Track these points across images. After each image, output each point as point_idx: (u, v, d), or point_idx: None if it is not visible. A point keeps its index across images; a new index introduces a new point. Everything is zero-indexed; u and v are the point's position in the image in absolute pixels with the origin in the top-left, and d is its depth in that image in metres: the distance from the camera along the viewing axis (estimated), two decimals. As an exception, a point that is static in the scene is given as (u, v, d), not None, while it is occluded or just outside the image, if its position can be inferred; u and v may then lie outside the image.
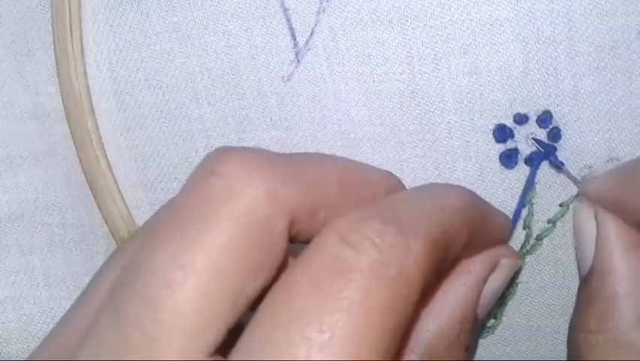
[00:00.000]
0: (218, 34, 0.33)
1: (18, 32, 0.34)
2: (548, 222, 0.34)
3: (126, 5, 0.33)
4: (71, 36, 0.34)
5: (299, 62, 0.33)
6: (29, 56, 0.35)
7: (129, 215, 0.37)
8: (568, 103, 0.31)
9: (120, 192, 0.36)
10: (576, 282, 0.34)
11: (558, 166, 0.31)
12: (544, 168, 0.33)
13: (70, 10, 0.34)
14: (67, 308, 0.26)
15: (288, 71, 0.33)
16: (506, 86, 0.32)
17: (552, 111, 0.32)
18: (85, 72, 0.35)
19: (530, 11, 0.30)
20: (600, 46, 0.30)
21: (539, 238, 0.34)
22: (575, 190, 0.33)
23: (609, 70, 0.31)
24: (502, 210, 0.33)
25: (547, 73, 0.31)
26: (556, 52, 0.31)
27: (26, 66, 0.34)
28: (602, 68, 0.31)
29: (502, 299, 0.35)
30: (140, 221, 0.37)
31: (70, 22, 0.34)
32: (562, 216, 0.34)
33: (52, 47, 0.35)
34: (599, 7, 0.30)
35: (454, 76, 0.32)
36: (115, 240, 0.37)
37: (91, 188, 0.36)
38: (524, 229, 0.34)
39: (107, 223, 0.37)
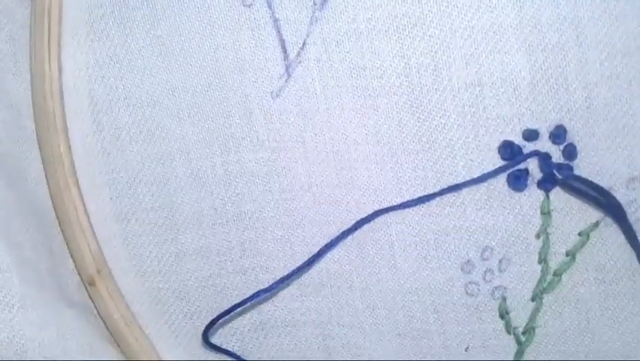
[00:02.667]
0: (203, 48, 0.31)
1: (7, 51, 0.32)
2: (567, 254, 0.30)
3: (108, 19, 0.32)
4: (49, 53, 0.32)
5: (289, 75, 0.31)
6: (16, 75, 0.32)
7: (99, 251, 0.33)
8: (582, 116, 0.29)
9: (90, 223, 0.33)
10: (602, 327, 0.30)
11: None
12: (559, 192, 0.30)
13: (49, 26, 0.32)
14: None
15: (277, 85, 0.31)
16: (513, 99, 0.29)
17: (565, 126, 0.29)
18: (61, 90, 0.33)
19: (535, 17, 0.28)
20: (612, 53, 0.28)
21: (557, 274, 0.30)
22: (595, 216, 0.30)
23: (624, 79, 0.28)
24: (514, 239, 0.30)
25: (556, 84, 0.29)
26: (564, 60, 0.29)
27: (10, 85, 0.32)
28: (616, 77, 0.28)
29: (520, 346, 0.30)
30: (110, 257, 0.33)
31: (48, 38, 0.32)
32: (582, 247, 0.30)
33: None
34: (608, 12, 0.28)
35: (455, 88, 0.29)
36: (81, 279, 0.33)
37: (58, 218, 0.33)
38: (540, 263, 0.30)
39: (73, 260, 0.33)
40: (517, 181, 0.30)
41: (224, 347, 0.33)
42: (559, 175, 0.29)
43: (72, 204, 0.33)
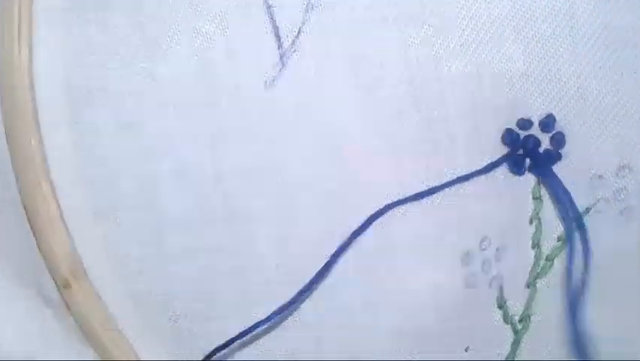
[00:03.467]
0: (191, 35, 0.29)
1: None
2: (558, 239, 0.31)
3: (86, 2, 0.29)
4: (19, 38, 0.30)
5: (284, 64, 0.30)
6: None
7: (74, 250, 0.30)
8: (573, 106, 0.30)
9: (64, 222, 0.30)
10: (596, 313, 0.30)
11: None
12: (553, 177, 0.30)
13: (19, 8, 0.29)
14: None
15: (271, 75, 0.30)
16: (507, 89, 0.30)
17: (555, 115, 0.30)
18: (31, 80, 0.30)
19: (530, 8, 0.29)
20: (605, 44, 0.29)
21: (550, 259, 0.31)
22: (585, 202, 0.30)
23: (616, 70, 0.29)
24: (509, 227, 0.30)
25: (549, 74, 0.29)
26: (558, 51, 0.29)
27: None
28: (609, 68, 0.29)
29: (516, 335, 0.31)
30: (87, 259, 0.31)
31: (19, 23, 0.30)
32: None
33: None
34: (602, 4, 0.29)
35: (452, 77, 0.29)
36: (55, 282, 0.30)
37: (28, 217, 0.30)
38: (533, 248, 0.31)
39: (45, 260, 0.30)
40: (517, 165, 0.30)
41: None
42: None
43: (43, 202, 0.30)
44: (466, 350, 0.31)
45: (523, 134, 0.30)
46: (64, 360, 0.30)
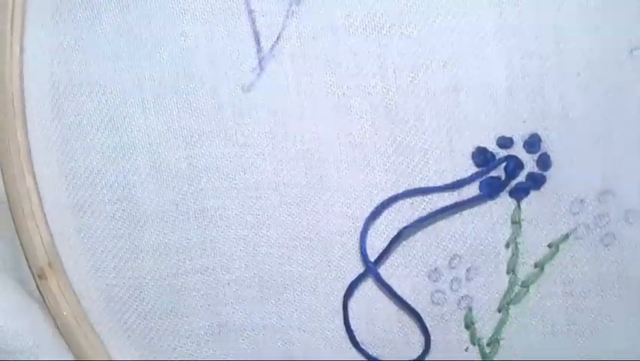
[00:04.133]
0: (174, 37, 0.30)
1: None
2: (535, 265, 0.30)
3: (75, 2, 0.30)
4: (11, 33, 0.31)
5: (262, 69, 0.30)
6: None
7: (52, 243, 0.31)
8: (557, 126, 0.28)
9: (45, 214, 0.31)
10: (567, 341, 0.29)
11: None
12: (532, 202, 0.29)
13: (13, 4, 0.31)
14: None
15: (249, 79, 0.30)
16: (489, 106, 0.29)
17: (540, 135, 0.29)
18: (21, 74, 0.31)
19: (516, 23, 0.28)
20: (590, 62, 0.28)
21: (525, 285, 0.30)
22: (565, 228, 0.29)
23: (600, 89, 0.28)
24: (483, 248, 0.29)
25: (533, 92, 0.28)
26: (542, 68, 0.28)
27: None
28: (593, 87, 0.28)
29: (483, 358, 0.30)
30: (63, 250, 0.31)
31: (12, 16, 0.31)
32: (551, 259, 0.29)
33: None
34: (588, 21, 0.28)
35: (431, 92, 0.29)
36: (32, 272, 0.31)
37: (11, 208, 0.31)
38: (508, 273, 0.30)
39: (24, 251, 0.31)
40: (490, 188, 0.29)
41: (178, 350, 0.32)
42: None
43: (26, 194, 0.31)
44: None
45: (503, 153, 0.29)
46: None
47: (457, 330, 0.30)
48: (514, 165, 0.29)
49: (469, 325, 0.30)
